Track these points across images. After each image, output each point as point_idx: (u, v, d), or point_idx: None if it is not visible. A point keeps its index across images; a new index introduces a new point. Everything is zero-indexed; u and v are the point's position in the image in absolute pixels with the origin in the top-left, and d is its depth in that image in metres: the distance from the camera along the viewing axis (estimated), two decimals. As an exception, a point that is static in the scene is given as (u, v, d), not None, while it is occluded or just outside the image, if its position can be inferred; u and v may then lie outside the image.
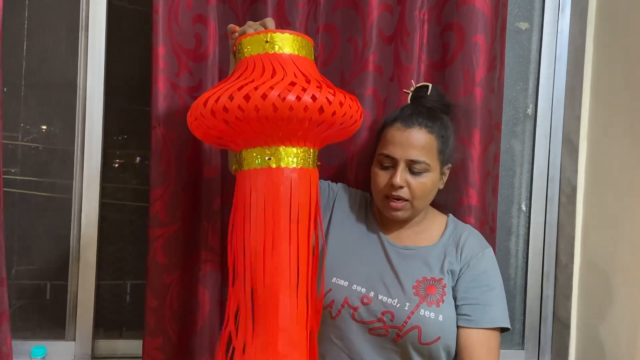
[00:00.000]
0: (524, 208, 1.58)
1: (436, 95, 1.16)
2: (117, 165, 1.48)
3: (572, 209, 1.50)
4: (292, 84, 0.86)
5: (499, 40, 1.32)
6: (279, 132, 0.89)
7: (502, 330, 1.09)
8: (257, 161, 0.92)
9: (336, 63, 1.32)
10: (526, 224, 1.58)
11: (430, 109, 1.12)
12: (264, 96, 0.83)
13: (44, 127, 1.45)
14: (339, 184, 1.24)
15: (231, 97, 0.84)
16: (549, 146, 1.56)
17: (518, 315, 1.59)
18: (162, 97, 1.24)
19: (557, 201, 1.56)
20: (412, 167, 1.07)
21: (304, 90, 0.85)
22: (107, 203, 1.45)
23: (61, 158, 1.44)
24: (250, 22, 1.00)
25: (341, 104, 0.89)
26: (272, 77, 0.87)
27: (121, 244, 1.47)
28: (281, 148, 0.91)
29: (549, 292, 1.56)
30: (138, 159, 1.49)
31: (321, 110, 0.86)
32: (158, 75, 1.23)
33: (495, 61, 1.31)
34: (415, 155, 1.07)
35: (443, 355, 1.06)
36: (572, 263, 1.50)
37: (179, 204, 1.27)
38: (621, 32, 1.38)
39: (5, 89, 1.39)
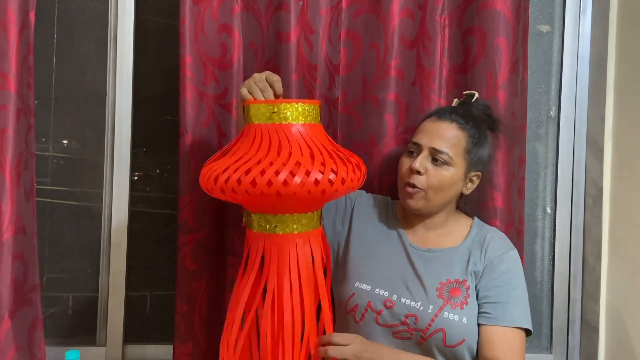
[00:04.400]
0: (549, 211, 1.57)
1: (481, 106, 1.19)
2: (144, 174, 1.50)
3: (598, 211, 1.49)
4: (297, 164, 0.88)
5: (521, 43, 1.32)
6: (283, 206, 0.94)
7: (527, 334, 1.08)
8: (265, 227, 0.97)
9: (358, 69, 1.34)
10: (552, 226, 1.57)
11: (468, 111, 1.14)
12: (269, 183, 0.86)
13: (74, 137, 1.48)
14: (357, 191, 1.24)
15: (239, 182, 0.88)
16: (573, 148, 1.54)
17: (545, 319, 1.57)
18: (189, 105, 1.26)
19: (583, 203, 1.54)
20: (435, 156, 1.09)
21: (308, 173, 0.88)
22: (135, 211, 1.48)
23: (90, 168, 1.46)
24: (256, 77, 1.00)
25: (343, 181, 0.91)
26: (278, 155, 0.89)
27: (149, 251, 1.49)
28: (286, 216, 0.96)
29: (576, 295, 1.54)
30: (166, 167, 1.52)
31: (323, 191, 0.89)
32: (185, 84, 1.26)
33: (518, 63, 1.31)
34: (439, 144, 1.08)
35: (467, 357, 1.06)
36: (600, 265, 1.48)
37: (207, 210, 1.29)
38: (644, 32, 1.38)
39: (35, 101, 1.42)
